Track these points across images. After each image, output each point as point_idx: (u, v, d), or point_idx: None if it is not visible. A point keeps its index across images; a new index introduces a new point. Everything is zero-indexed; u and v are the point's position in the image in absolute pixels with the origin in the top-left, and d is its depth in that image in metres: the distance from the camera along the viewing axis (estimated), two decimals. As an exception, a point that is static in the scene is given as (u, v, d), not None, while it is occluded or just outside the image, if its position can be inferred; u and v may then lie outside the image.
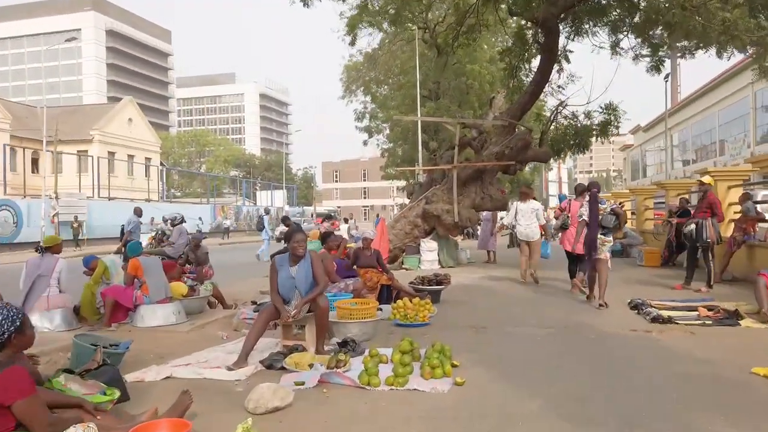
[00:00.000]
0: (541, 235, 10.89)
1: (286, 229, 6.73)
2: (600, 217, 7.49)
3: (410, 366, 4.45)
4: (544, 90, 15.47)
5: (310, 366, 4.36)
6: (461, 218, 13.06)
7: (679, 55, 25.76)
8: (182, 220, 10.33)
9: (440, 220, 13.23)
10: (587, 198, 7.86)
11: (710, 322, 6.41)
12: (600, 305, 7.45)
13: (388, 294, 7.98)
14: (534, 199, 11.01)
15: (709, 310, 6.93)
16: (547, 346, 5.42)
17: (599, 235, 7.51)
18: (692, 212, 10.29)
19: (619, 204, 8.94)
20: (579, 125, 14.58)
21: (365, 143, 32.51)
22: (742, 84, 28.29)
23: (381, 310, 7.08)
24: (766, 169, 9.12)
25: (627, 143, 62.51)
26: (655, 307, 7.31)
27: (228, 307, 7.58)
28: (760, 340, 5.60)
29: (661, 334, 5.95)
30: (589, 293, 8.00)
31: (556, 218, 9.13)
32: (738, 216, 10.28)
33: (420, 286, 8.19)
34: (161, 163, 54.81)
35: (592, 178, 11.91)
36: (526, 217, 10.39)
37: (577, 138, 14.66)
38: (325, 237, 7.43)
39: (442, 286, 8.26)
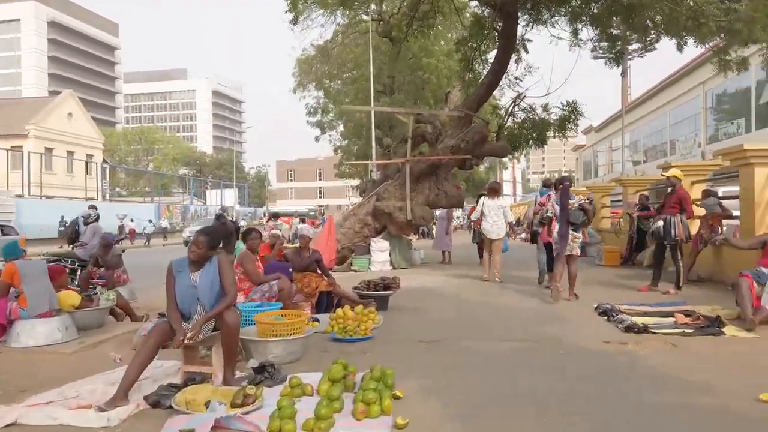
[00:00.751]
0: (507, 234, 10.61)
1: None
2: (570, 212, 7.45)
3: (340, 401, 3.45)
4: (501, 82, 14.74)
5: (207, 405, 3.30)
6: (414, 216, 12.15)
7: (633, 53, 25.74)
8: (96, 218, 9.03)
9: (392, 218, 12.28)
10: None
11: (690, 330, 5.66)
12: (568, 298, 7.60)
13: (328, 301, 6.97)
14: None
15: (687, 316, 6.20)
16: (512, 368, 4.50)
17: (570, 232, 7.45)
18: (652, 208, 9.67)
19: (588, 200, 8.50)
20: (537, 119, 13.90)
21: (317, 139, 31.26)
22: (693, 84, 28.47)
23: (317, 321, 6.07)
24: (738, 162, 8.51)
25: (579, 144, 63.23)
26: (625, 313, 6.55)
27: (138, 319, 6.40)
28: (753, 353, 4.84)
29: (638, 346, 5.14)
30: (554, 285, 7.76)
31: (536, 213, 8.96)
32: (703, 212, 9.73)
33: (365, 292, 7.21)
34: (104, 161, 52.11)
35: (545, 178, 11.46)
36: (493, 214, 9.92)
37: (534, 132, 13.98)
38: (246, 234, 6.35)
39: (391, 291, 7.30)
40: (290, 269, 6.98)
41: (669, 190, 8.58)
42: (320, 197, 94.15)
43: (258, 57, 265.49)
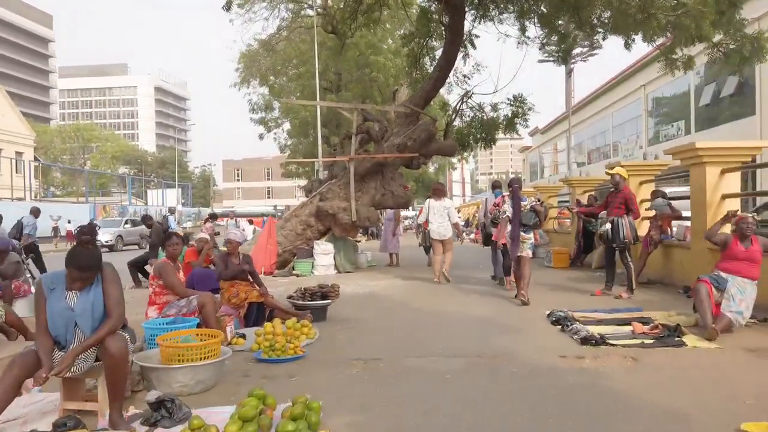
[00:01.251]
0: (456, 234, 10.59)
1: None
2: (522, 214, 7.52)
3: (249, 449, 2.79)
4: (449, 78, 14.32)
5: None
6: (359, 217, 11.53)
7: (577, 57, 25.96)
8: (-2, 220, 7.99)
9: (336, 219, 11.63)
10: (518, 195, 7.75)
11: (650, 341, 5.25)
12: (522, 302, 7.39)
13: (259, 313, 6.26)
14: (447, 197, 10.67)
15: (644, 324, 5.82)
16: (460, 393, 3.92)
17: (521, 233, 7.51)
18: (596, 208, 9.34)
19: (539, 201, 8.73)
20: (486, 117, 13.54)
21: (261, 137, 30.11)
22: (635, 86, 29.03)
23: (244, 337, 5.38)
24: (689, 161, 8.24)
25: (526, 145, 64.23)
26: (579, 321, 6.13)
27: (33, 338, 5.50)
28: (718, 367, 4.45)
29: (596, 361, 4.68)
30: (519, 291, 7.68)
31: (490, 214, 9.09)
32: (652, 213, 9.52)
33: (300, 302, 6.54)
34: (35, 158, 49.23)
35: (494, 180, 11.58)
36: (438, 216, 9.97)
37: (482, 131, 13.62)
38: (165, 240, 5.58)
39: (329, 301, 6.66)
40: (215, 278, 6.25)
41: (612, 189, 8.26)
42: (269, 197, 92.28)
43: (204, 53, 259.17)
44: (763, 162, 12.14)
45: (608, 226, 8.10)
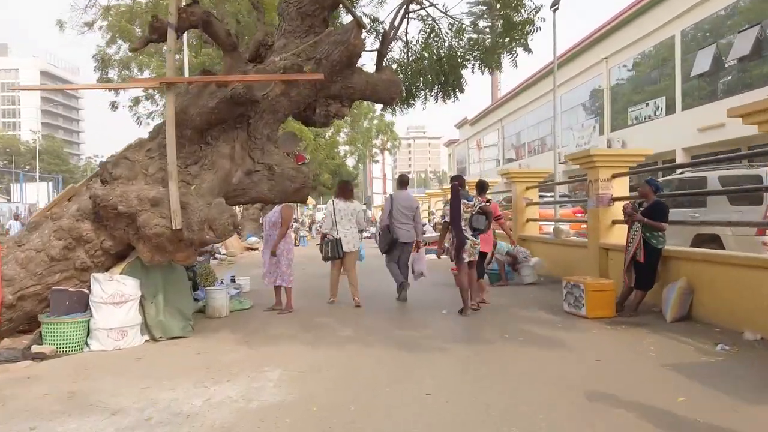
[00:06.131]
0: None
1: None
2: (470, 216, 6.53)
3: None
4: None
5: None
6: (190, 221, 5.08)
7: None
8: None
9: (138, 224, 5.13)
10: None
11: None
12: (473, 308, 6.67)
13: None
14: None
15: None
16: None
17: (470, 237, 6.55)
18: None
19: (487, 201, 7.15)
20: (450, 43, 7.49)
21: (113, 106, 20.84)
22: (595, 59, 24.25)
23: None
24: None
25: (452, 138, 59.44)
26: None
27: None
28: None
29: None
30: (465, 307, 6.57)
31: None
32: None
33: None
34: None
35: (404, 177, 8.25)
36: (345, 222, 7.49)
37: (444, 66, 7.56)
38: None
39: None
40: None
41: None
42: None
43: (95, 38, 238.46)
44: None
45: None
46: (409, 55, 8.07)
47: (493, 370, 4.38)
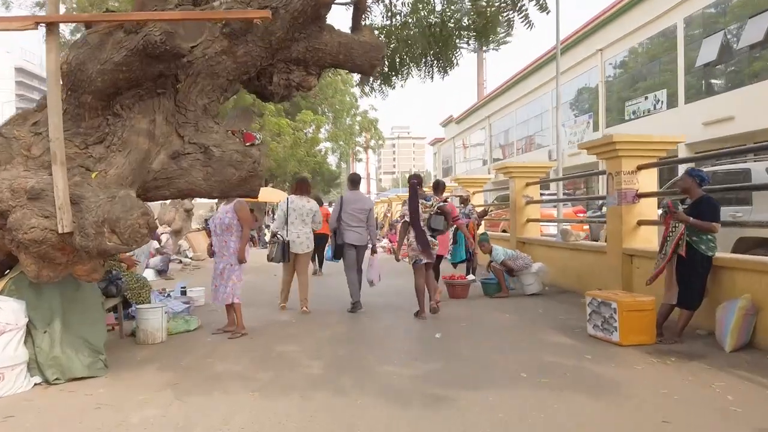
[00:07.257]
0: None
1: None
2: (428, 216, 6.44)
3: None
4: None
5: None
6: (83, 222, 3.60)
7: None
8: None
9: (11, 227, 3.64)
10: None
11: None
12: (432, 309, 6.49)
13: None
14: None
15: None
16: None
17: (429, 238, 6.38)
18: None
19: (445, 200, 6.90)
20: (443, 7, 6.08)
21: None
22: (590, 51, 23.00)
23: None
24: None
25: (438, 137, 58.15)
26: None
27: None
28: None
29: None
30: (420, 310, 6.43)
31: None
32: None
33: None
34: None
35: (356, 175, 7.45)
36: (299, 222, 7.02)
37: (435, 34, 6.16)
38: None
39: None
40: None
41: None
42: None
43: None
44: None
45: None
46: (393, 21, 6.64)
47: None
